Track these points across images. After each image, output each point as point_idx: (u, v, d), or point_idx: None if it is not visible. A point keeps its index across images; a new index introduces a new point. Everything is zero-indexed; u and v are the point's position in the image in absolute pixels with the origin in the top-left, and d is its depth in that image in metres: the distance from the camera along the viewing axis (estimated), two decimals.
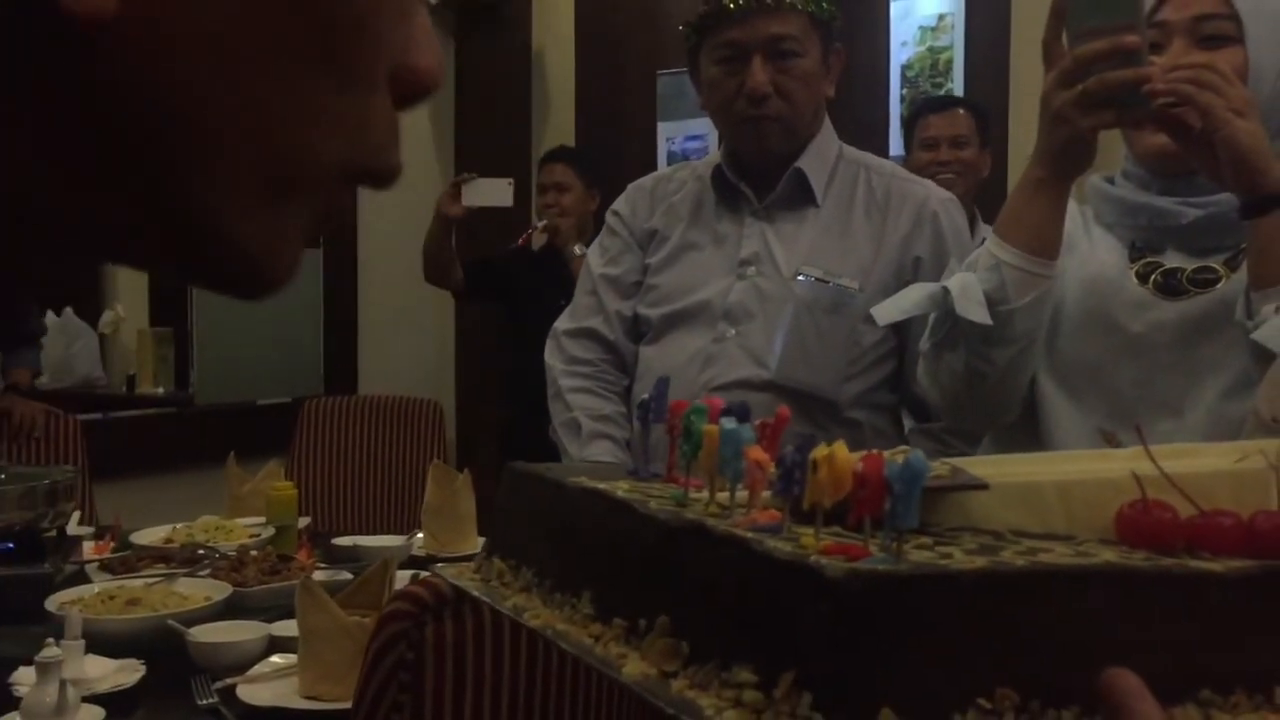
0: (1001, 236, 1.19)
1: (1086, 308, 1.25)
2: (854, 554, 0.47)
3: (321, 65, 0.33)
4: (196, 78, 0.30)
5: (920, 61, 4.16)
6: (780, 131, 1.72)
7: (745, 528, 0.52)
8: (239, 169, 0.32)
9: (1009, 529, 0.55)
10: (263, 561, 1.82)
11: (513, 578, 0.67)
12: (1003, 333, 1.17)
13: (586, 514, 0.61)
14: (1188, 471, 0.54)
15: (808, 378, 1.67)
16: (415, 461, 3.15)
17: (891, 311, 1.25)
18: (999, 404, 1.25)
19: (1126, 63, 1.08)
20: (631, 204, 1.90)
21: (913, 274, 1.68)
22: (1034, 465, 0.61)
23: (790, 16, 1.68)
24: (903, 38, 4.17)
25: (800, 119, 1.73)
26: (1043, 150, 1.16)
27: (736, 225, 1.77)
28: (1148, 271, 1.24)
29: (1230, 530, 0.51)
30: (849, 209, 1.74)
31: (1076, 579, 0.48)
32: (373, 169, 0.37)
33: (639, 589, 0.55)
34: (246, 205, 0.33)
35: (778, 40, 1.68)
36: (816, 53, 1.71)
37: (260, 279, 0.35)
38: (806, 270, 1.69)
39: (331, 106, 0.34)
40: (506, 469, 0.71)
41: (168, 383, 4.16)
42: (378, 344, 4.33)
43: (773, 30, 1.67)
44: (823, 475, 0.50)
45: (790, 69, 1.69)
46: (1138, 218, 1.26)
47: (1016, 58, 3.86)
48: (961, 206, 1.83)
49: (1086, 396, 1.23)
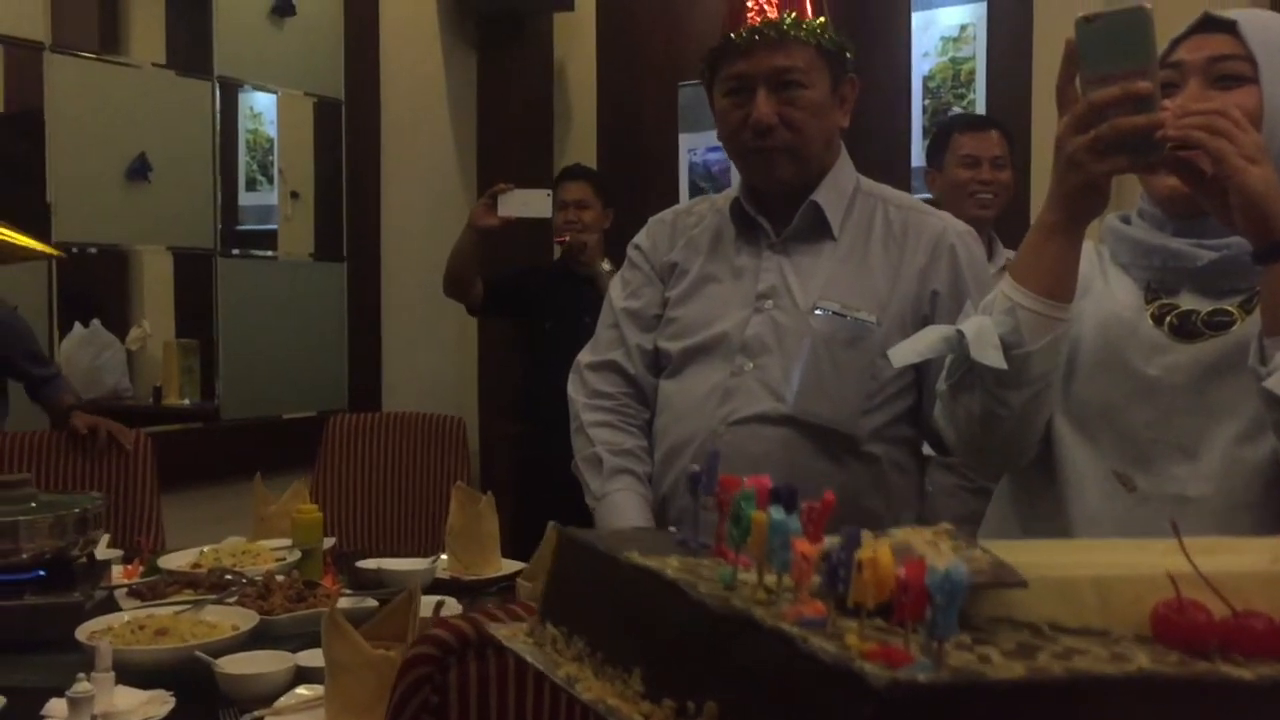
0: (1017, 279, 1.20)
1: (1102, 350, 1.25)
2: (896, 659, 0.48)
3: None
4: None
5: (942, 72, 4.15)
6: (788, 162, 1.73)
7: (791, 620, 0.53)
8: None
9: (1046, 622, 0.56)
10: (288, 588, 1.83)
11: (565, 645, 0.69)
12: (1018, 376, 1.17)
13: (639, 592, 0.62)
14: (1223, 570, 0.54)
15: (825, 411, 1.67)
16: (439, 477, 3.17)
17: (907, 354, 1.26)
18: (1016, 446, 1.25)
19: (1139, 108, 1.08)
20: (652, 237, 1.90)
21: (930, 307, 1.69)
22: (1072, 556, 0.62)
23: (795, 49, 1.68)
24: (924, 48, 4.16)
25: (808, 149, 1.72)
26: (1057, 195, 1.16)
27: (754, 258, 1.77)
28: (1163, 313, 1.23)
29: (1263, 634, 0.51)
30: (866, 242, 1.74)
31: (1112, 688, 0.48)
32: None
33: (689, 671, 0.57)
34: None
35: (782, 72, 1.69)
36: (824, 84, 1.71)
37: None
38: (824, 304, 1.69)
39: None
40: (560, 535, 0.72)
41: (194, 394, 4.18)
42: (401, 357, 4.35)
43: (777, 62, 1.68)
44: (867, 577, 0.51)
45: (795, 100, 1.69)
46: (1153, 259, 1.26)
47: (1038, 68, 3.85)
48: (978, 237, 1.82)
49: (1101, 438, 1.23)
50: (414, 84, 4.37)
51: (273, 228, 4.16)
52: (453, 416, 3.28)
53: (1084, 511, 1.21)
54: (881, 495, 1.72)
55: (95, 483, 2.94)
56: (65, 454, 2.92)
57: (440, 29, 4.45)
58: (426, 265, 4.20)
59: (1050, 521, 1.24)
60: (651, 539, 0.77)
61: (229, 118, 3.87)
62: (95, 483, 2.94)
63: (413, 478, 3.20)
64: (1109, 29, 1.09)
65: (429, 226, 4.35)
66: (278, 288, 4.02)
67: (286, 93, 4.01)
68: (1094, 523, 1.20)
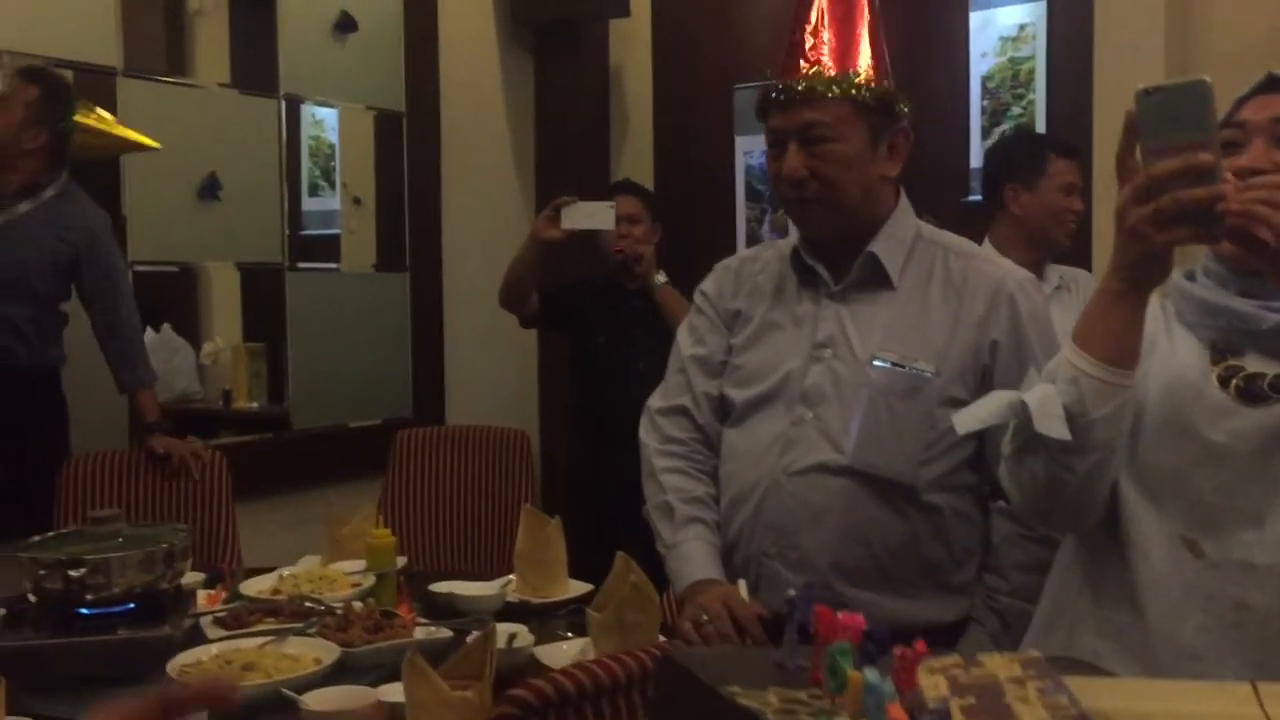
0: (1081, 345, 1.20)
1: (1167, 414, 1.25)
2: None
3: None
4: None
5: (1001, 72, 4.12)
6: (822, 213, 1.75)
7: None
8: None
9: None
10: (366, 619, 1.89)
11: None
12: (1082, 444, 1.19)
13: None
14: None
15: (884, 463, 1.69)
16: (503, 490, 3.23)
17: (972, 420, 1.27)
18: (1081, 509, 1.26)
19: (1201, 181, 1.08)
20: (718, 284, 1.93)
21: (990, 357, 1.69)
22: (1155, 703, 0.63)
23: (826, 104, 1.69)
24: (983, 48, 4.13)
25: (842, 202, 1.74)
26: (1120, 264, 1.16)
27: (814, 306, 1.79)
28: (1229, 375, 1.24)
29: None
30: (926, 291, 1.75)
31: None
32: None
33: None
34: None
35: (810, 126, 1.70)
36: (858, 137, 1.72)
37: None
38: (882, 355, 1.70)
39: None
40: (660, 661, 0.75)
41: (261, 397, 4.29)
42: (463, 364, 4.41)
43: (805, 117, 1.70)
44: None
45: (823, 154, 1.71)
46: (1217, 319, 1.26)
47: (1100, 68, 3.80)
48: (1039, 284, 1.82)
49: (1167, 503, 1.24)
50: (473, 94, 4.43)
51: (335, 232, 4.24)
52: (517, 430, 3.34)
53: (1151, 576, 1.22)
54: (943, 544, 1.73)
55: (172, 500, 3.04)
56: (143, 473, 3.02)
57: (498, 39, 4.50)
58: (485, 274, 4.24)
59: (1116, 580, 1.26)
60: (750, 662, 0.80)
61: (293, 132, 3.96)
62: (172, 500, 3.04)
63: (478, 490, 3.26)
64: (1169, 101, 1.10)
65: (488, 234, 4.41)
66: (343, 299, 4.10)
67: (347, 106, 4.08)
68: (1161, 587, 1.21)
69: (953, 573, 1.74)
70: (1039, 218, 2.76)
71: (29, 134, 2.93)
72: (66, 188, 3.02)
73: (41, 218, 2.97)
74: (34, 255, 2.96)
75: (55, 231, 2.97)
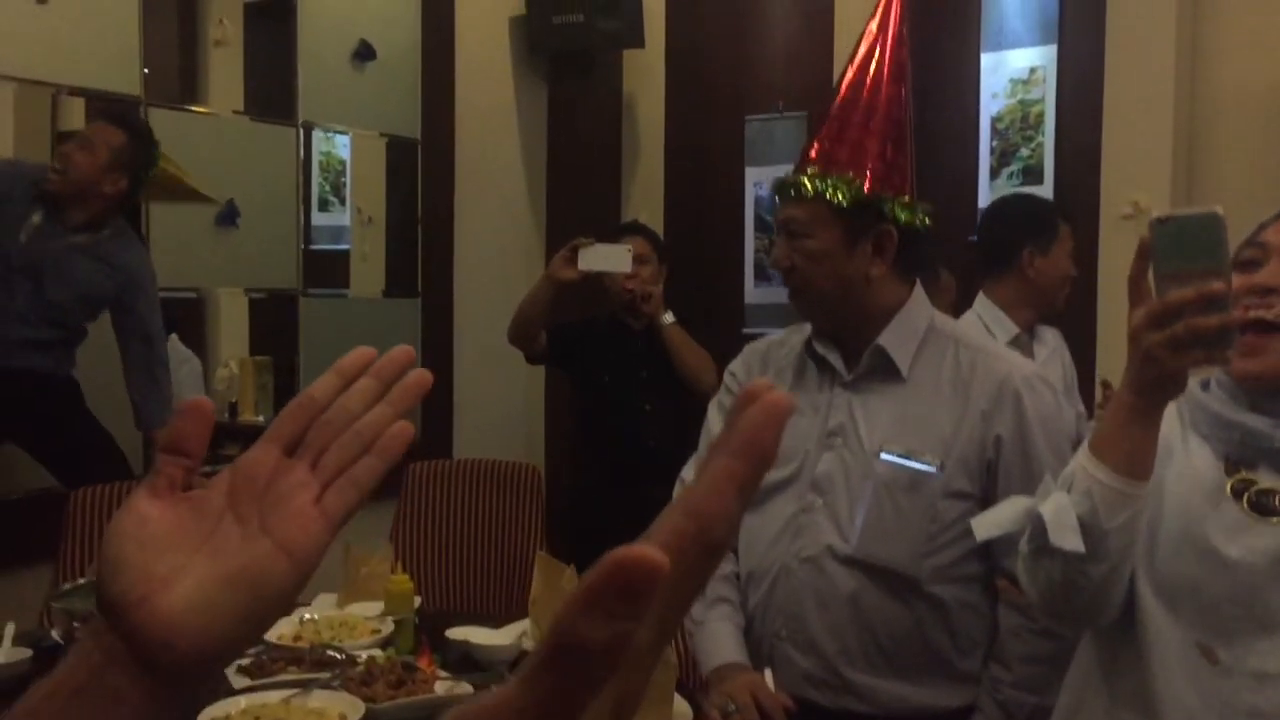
0: (1096, 454, 1.24)
1: (1183, 525, 1.29)
2: None
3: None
4: None
5: (1011, 114, 4.17)
6: (804, 303, 1.86)
7: None
8: None
9: None
10: (389, 673, 1.94)
11: None
12: (1096, 552, 1.23)
13: None
14: None
15: (887, 554, 1.74)
16: (514, 525, 3.27)
17: (989, 527, 1.32)
18: (1097, 610, 1.30)
19: (1212, 309, 1.12)
20: (747, 366, 1.98)
21: (994, 452, 1.74)
22: None
23: (805, 202, 1.81)
24: (993, 89, 4.18)
25: (813, 292, 1.83)
26: (1135, 381, 1.20)
27: (829, 394, 1.85)
28: (1242, 488, 1.28)
29: None
30: (936, 383, 1.79)
31: None
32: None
33: None
34: None
35: (790, 221, 1.83)
36: (831, 235, 1.79)
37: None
38: (889, 447, 1.76)
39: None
40: None
41: (268, 411, 4.33)
42: (472, 392, 4.45)
43: (788, 212, 1.84)
44: None
45: (799, 247, 1.82)
46: (1231, 433, 1.30)
47: (1109, 112, 3.85)
48: (1049, 383, 1.84)
49: (1184, 611, 1.28)
50: (487, 122, 4.47)
51: (345, 248, 4.28)
52: (528, 464, 3.38)
53: (1168, 681, 1.26)
54: (948, 633, 1.78)
55: None
56: None
57: (513, 68, 4.55)
58: (495, 300, 4.30)
59: (1133, 681, 1.30)
60: None
61: (307, 156, 4.00)
62: None
63: (489, 524, 3.30)
64: (1183, 230, 1.14)
65: (499, 261, 4.46)
66: (355, 324, 4.14)
67: (359, 133, 4.12)
68: (1177, 694, 1.25)
69: (958, 661, 1.79)
70: (1050, 281, 2.81)
71: (110, 178, 2.98)
72: (123, 229, 3.08)
73: (92, 253, 3.03)
74: (77, 289, 3.03)
75: (102, 269, 3.04)
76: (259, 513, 0.60)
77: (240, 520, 0.60)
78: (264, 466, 0.61)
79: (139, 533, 0.58)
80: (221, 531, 0.60)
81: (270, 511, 0.60)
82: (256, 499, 0.61)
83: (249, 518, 0.60)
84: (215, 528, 0.60)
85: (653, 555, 0.40)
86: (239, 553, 0.59)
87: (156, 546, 0.58)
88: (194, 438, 0.62)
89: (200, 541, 0.59)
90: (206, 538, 0.59)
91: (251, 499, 0.61)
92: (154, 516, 0.59)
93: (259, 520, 0.60)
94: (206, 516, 0.60)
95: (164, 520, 0.59)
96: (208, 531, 0.60)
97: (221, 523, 0.60)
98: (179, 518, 0.60)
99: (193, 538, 0.59)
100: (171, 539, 0.59)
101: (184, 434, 0.62)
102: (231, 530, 0.60)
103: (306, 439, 0.63)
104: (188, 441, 0.62)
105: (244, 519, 0.60)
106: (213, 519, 0.60)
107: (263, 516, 0.60)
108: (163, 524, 0.59)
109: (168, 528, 0.59)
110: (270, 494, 0.61)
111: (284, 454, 0.62)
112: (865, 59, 1.84)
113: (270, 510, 0.60)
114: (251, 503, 0.61)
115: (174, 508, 0.60)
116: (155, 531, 0.59)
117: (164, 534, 0.59)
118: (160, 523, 0.59)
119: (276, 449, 0.62)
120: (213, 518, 0.60)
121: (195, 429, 0.62)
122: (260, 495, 0.61)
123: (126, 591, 0.57)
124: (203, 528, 0.60)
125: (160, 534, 0.59)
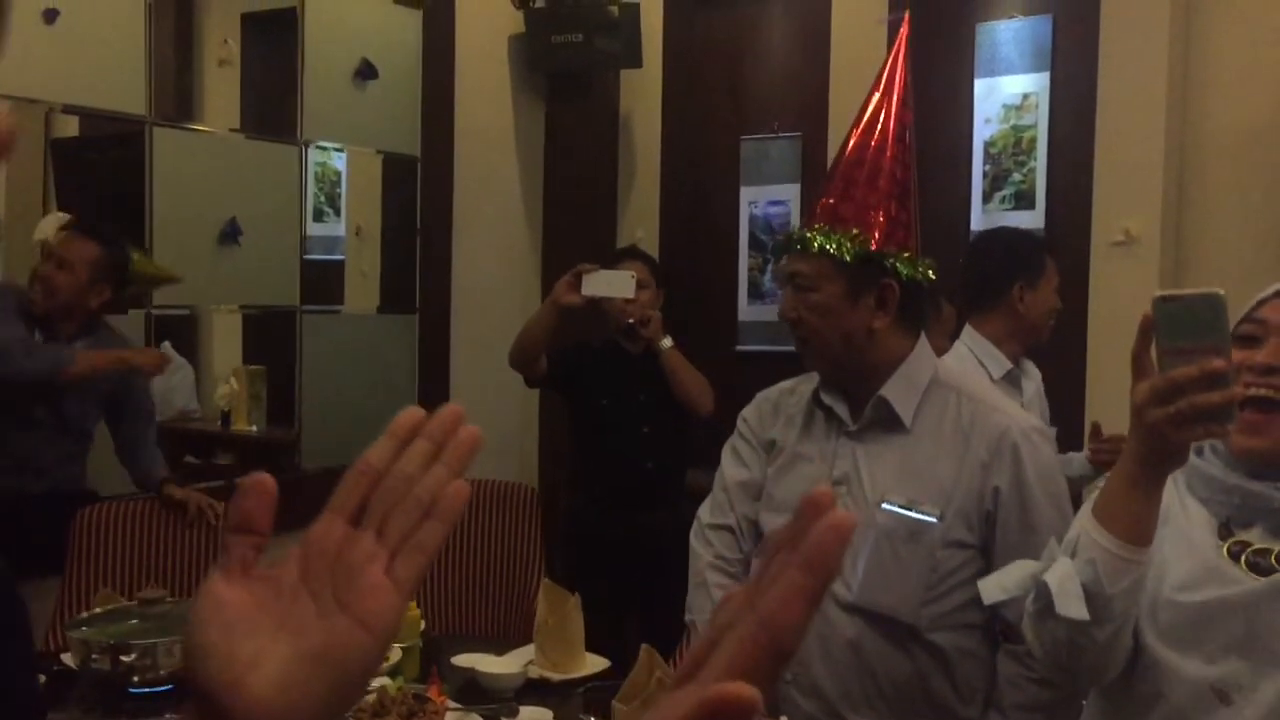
0: (1099, 520, 1.28)
1: (1185, 581, 1.34)
2: None
3: None
4: None
5: (1003, 139, 4.22)
6: (807, 352, 1.91)
7: None
8: None
9: None
10: (401, 704, 1.97)
11: None
12: (1099, 616, 1.27)
13: None
14: None
15: (887, 602, 1.79)
16: (512, 545, 3.31)
17: (996, 591, 1.37)
18: (1101, 668, 1.35)
19: (1214, 386, 1.17)
20: (758, 413, 2.03)
21: (992, 502, 1.78)
22: None
23: (810, 257, 1.87)
24: (986, 114, 4.22)
25: (818, 343, 1.88)
26: (1137, 453, 1.25)
27: (835, 442, 1.90)
28: (1238, 550, 1.33)
29: None
30: (938, 433, 1.84)
31: None
32: None
33: None
34: None
35: (795, 275, 1.89)
36: (834, 288, 1.85)
37: None
38: (890, 498, 1.80)
39: None
40: None
41: (261, 422, 4.36)
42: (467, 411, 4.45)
43: (794, 266, 1.90)
44: None
45: (804, 300, 1.88)
46: (1231, 496, 1.35)
47: (1101, 138, 3.90)
48: (1048, 435, 1.89)
49: (1194, 653, 1.32)
50: (486, 139, 4.50)
51: (339, 258, 4.30)
52: (524, 485, 3.41)
53: None
54: (948, 680, 1.82)
55: (188, 546, 3.12)
56: (157, 522, 3.10)
57: (512, 86, 4.58)
58: (491, 318, 4.33)
59: None
60: None
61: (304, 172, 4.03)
62: (188, 546, 3.12)
63: (487, 544, 3.34)
64: (1185, 309, 1.18)
65: (495, 278, 4.49)
66: (351, 340, 4.17)
67: (354, 149, 4.14)
68: None
69: (959, 707, 1.84)
70: (1038, 315, 2.86)
71: (94, 290, 3.02)
72: (109, 326, 3.15)
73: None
74: (91, 394, 3.08)
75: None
76: (333, 587, 0.61)
77: (315, 596, 0.61)
78: (332, 540, 0.62)
79: (218, 617, 0.60)
80: (298, 609, 0.61)
81: (344, 586, 0.61)
82: (328, 573, 0.62)
83: (323, 593, 0.61)
84: (291, 606, 0.61)
85: (749, 695, 0.45)
86: (319, 630, 0.60)
87: (237, 630, 0.60)
88: (259, 514, 0.63)
89: (279, 621, 0.61)
90: (284, 617, 0.61)
91: (323, 574, 0.62)
92: (231, 600, 0.60)
93: (334, 595, 0.61)
94: (281, 595, 0.61)
95: (240, 603, 0.60)
96: (284, 610, 0.61)
97: (297, 600, 0.61)
98: (255, 598, 0.61)
99: (271, 617, 0.60)
100: (251, 621, 0.60)
101: (249, 512, 0.63)
102: (308, 607, 0.61)
103: (369, 507, 0.63)
104: (254, 519, 0.63)
105: (318, 595, 0.61)
106: (288, 597, 0.61)
107: (337, 591, 0.61)
108: (240, 606, 0.60)
109: (245, 610, 0.60)
110: (341, 567, 0.62)
111: (349, 524, 0.63)
112: (870, 122, 1.89)
113: (344, 585, 0.61)
114: (324, 578, 0.62)
115: (249, 588, 0.61)
116: (234, 615, 0.60)
117: (243, 617, 0.60)
118: (237, 606, 0.60)
119: (341, 520, 0.63)
120: (288, 596, 0.61)
121: (259, 505, 0.63)
122: (331, 569, 0.62)
123: (215, 677, 0.58)
124: (279, 606, 0.61)
125: (239, 617, 0.60)
